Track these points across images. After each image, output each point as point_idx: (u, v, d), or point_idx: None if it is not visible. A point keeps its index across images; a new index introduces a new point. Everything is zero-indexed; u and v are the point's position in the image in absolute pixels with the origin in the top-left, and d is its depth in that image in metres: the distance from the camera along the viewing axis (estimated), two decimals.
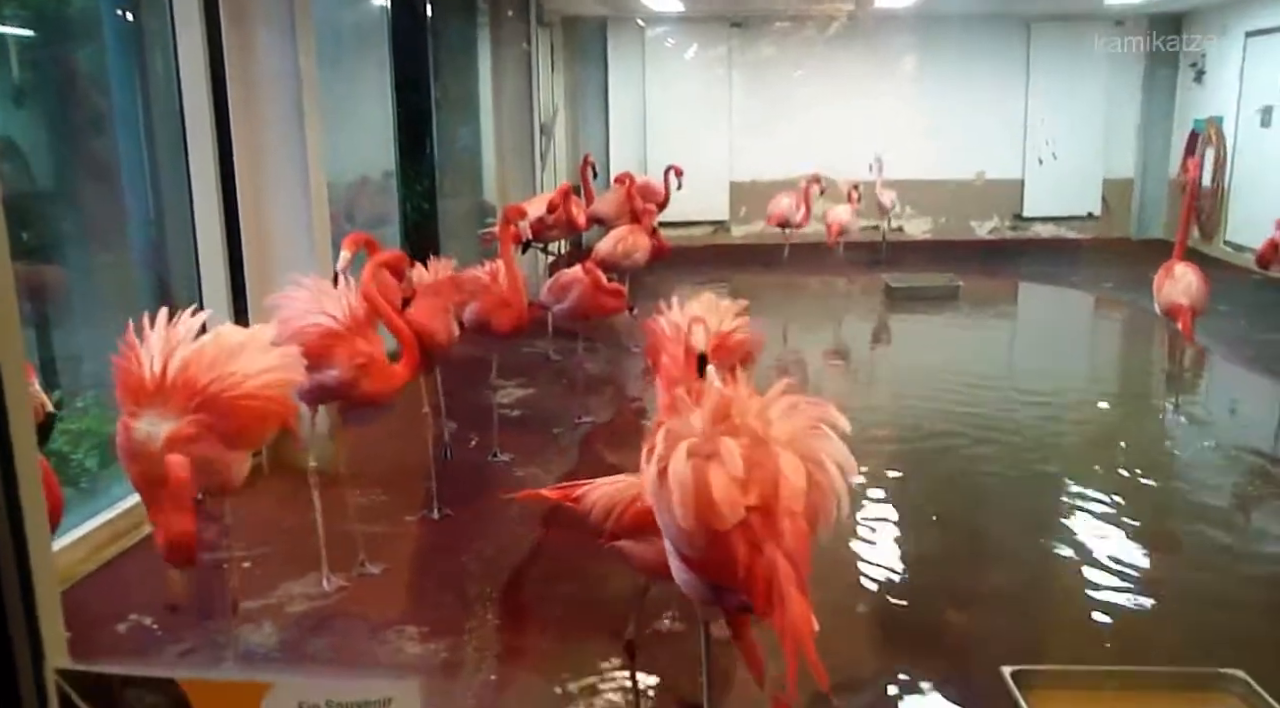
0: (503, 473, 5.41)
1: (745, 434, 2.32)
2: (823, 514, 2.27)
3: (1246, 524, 4.92)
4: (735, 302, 3.90)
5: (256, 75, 5.22)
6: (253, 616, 3.83)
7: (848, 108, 12.98)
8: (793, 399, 2.42)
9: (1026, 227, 13.52)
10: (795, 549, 2.21)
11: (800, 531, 2.23)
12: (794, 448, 2.30)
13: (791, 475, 2.24)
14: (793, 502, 2.23)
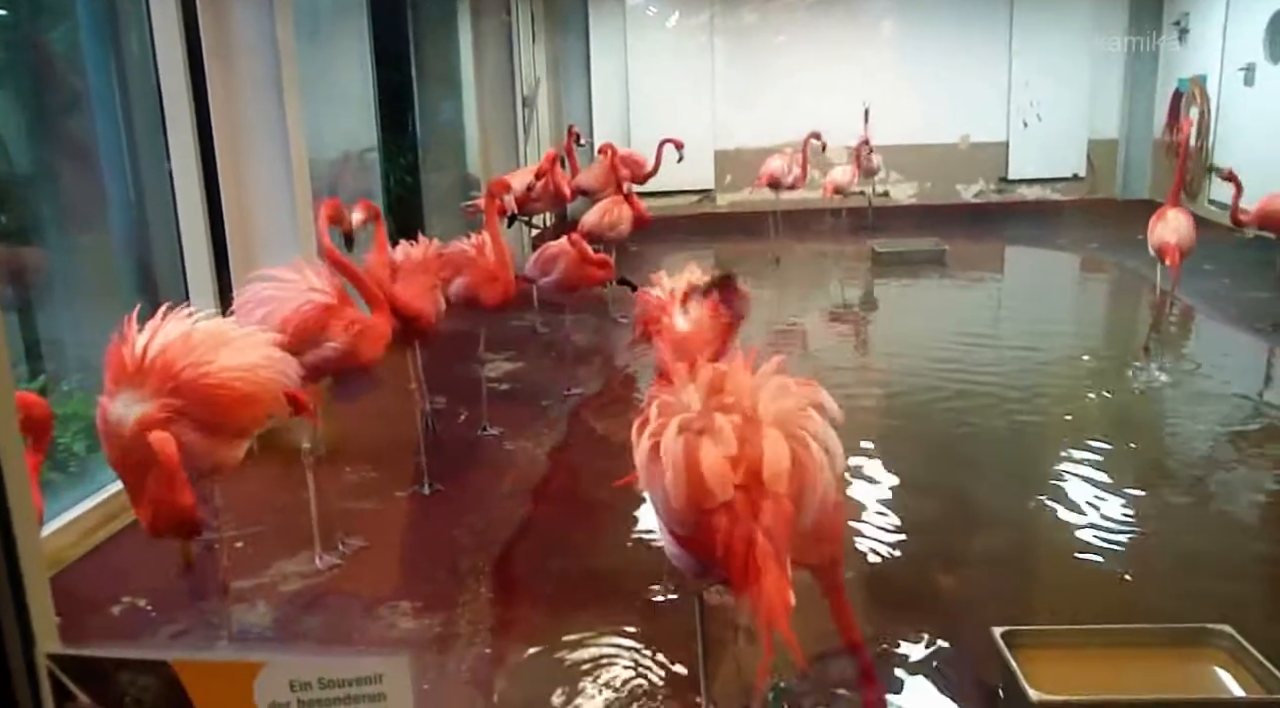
0: (492, 447, 5.42)
1: (736, 412, 2.34)
2: (809, 495, 2.28)
3: (1229, 477, 4.96)
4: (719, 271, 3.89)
5: (234, 50, 5.16)
6: (246, 595, 3.84)
7: (831, 73, 12.93)
8: (784, 380, 2.44)
9: (1012, 189, 13.52)
10: (776, 528, 2.23)
11: (783, 510, 2.24)
12: (781, 428, 2.31)
13: (775, 455, 2.26)
14: (775, 481, 2.24)
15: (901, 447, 5.35)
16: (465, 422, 5.76)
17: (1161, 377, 6.44)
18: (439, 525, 4.50)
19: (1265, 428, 5.53)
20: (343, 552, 4.19)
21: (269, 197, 5.35)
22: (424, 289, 4.71)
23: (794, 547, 2.30)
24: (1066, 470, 4.88)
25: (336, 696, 0.94)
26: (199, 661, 0.93)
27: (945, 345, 7.31)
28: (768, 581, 2.19)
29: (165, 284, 5.45)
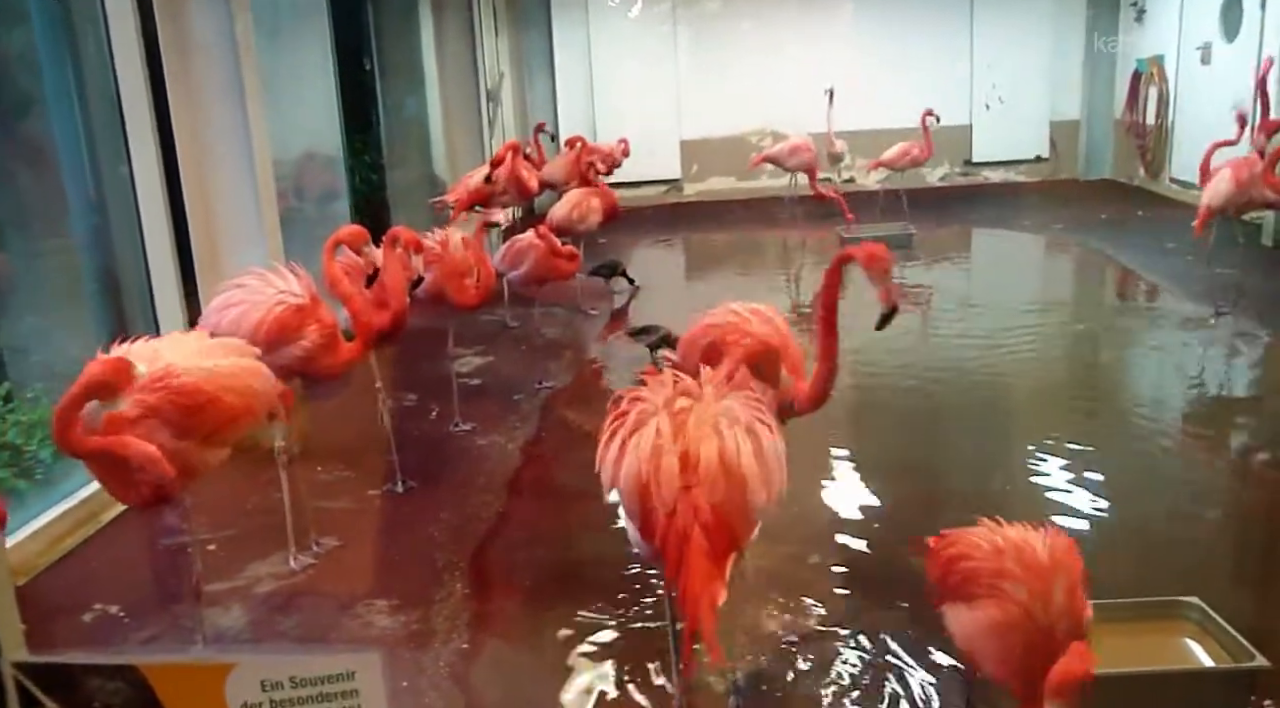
0: (465, 442, 5.40)
1: (692, 414, 2.51)
2: (752, 493, 2.42)
3: (1195, 452, 5.02)
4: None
5: (193, 50, 5.11)
6: (220, 598, 3.81)
7: (795, 60, 12.96)
8: (746, 397, 2.62)
9: (976, 172, 13.61)
10: (714, 526, 2.37)
11: (720, 512, 2.38)
12: (725, 429, 2.48)
13: (708, 461, 2.41)
14: (712, 484, 2.39)
15: (875, 423, 5.38)
16: (437, 418, 5.74)
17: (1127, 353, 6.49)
18: (413, 522, 4.48)
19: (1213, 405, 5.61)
20: (317, 552, 4.17)
21: (233, 197, 5.31)
22: (398, 296, 4.63)
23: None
24: (1035, 445, 4.92)
25: (309, 694, 0.94)
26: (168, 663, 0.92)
27: (916, 330, 7.36)
28: (695, 576, 2.32)
29: (130, 288, 5.40)
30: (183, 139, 5.14)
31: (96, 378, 2.87)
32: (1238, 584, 3.79)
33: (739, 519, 2.44)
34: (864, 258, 3.11)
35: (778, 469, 2.50)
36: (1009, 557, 2.41)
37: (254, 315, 3.93)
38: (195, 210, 5.23)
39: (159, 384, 2.99)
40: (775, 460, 2.49)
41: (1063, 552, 2.43)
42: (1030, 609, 2.34)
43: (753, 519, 2.50)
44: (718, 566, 2.36)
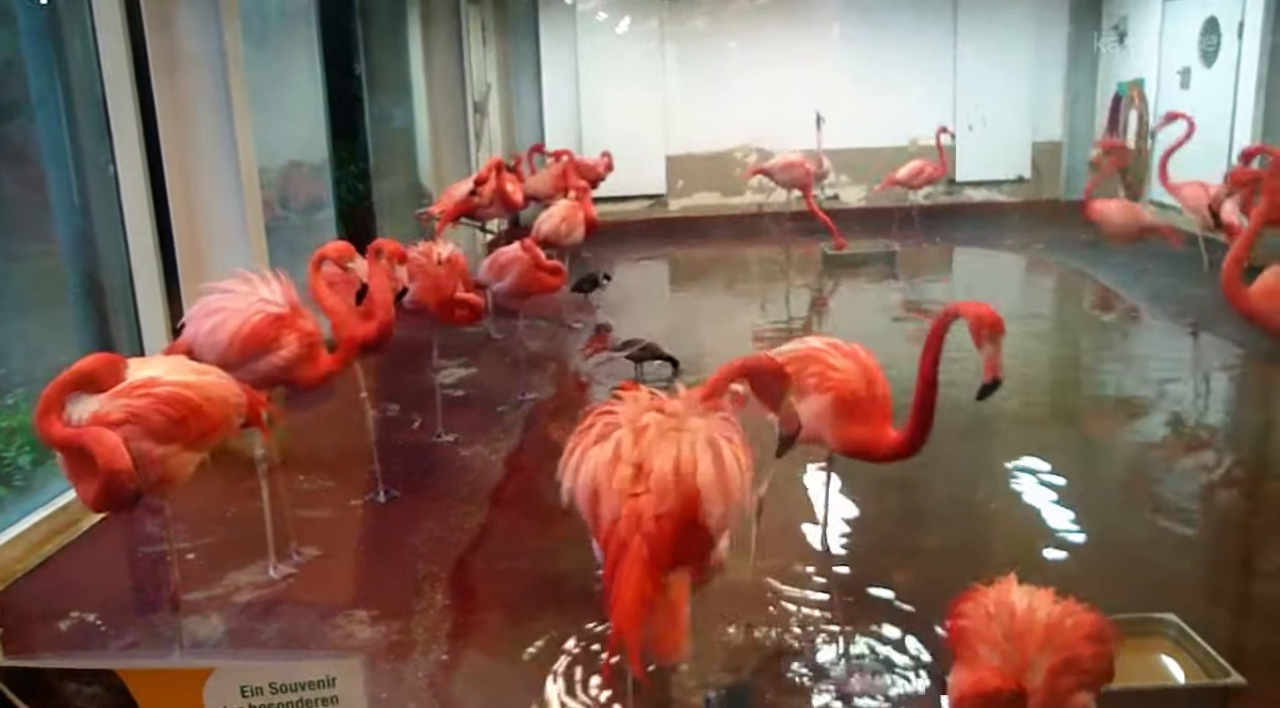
0: (448, 453, 5.40)
1: (653, 428, 2.43)
2: (710, 506, 2.34)
3: (1173, 468, 5.06)
4: None
5: (181, 57, 5.10)
6: (198, 607, 3.80)
7: (781, 78, 13.01)
8: (715, 414, 2.52)
9: (959, 191, 13.68)
10: (657, 536, 2.29)
11: (666, 522, 2.30)
12: (678, 449, 2.38)
13: (660, 470, 2.34)
14: (661, 493, 2.31)
15: None
16: (420, 428, 5.74)
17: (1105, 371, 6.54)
18: (395, 533, 4.47)
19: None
20: (297, 561, 4.16)
21: (218, 205, 5.30)
22: (384, 307, 4.62)
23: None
24: (1015, 463, 4.95)
25: (289, 700, 0.94)
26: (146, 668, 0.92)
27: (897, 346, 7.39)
28: (625, 585, 2.26)
29: (113, 295, 5.38)
30: (169, 146, 5.13)
31: (86, 369, 2.91)
32: (1215, 601, 3.82)
33: (690, 532, 2.35)
34: (973, 317, 2.88)
35: (738, 485, 2.40)
36: (997, 622, 2.32)
37: (232, 324, 3.94)
38: (180, 217, 5.22)
39: (145, 391, 3.02)
40: (736, 476, 2.40)
41: (1067, 627, 2.30)
42: (1001, 679, 2.24)
43: (710, 534, 2.41)
44: (652, 577, 2.29)
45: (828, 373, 3.26)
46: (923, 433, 3.10)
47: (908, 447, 3.15)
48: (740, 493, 2.42)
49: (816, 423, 3.25)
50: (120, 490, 2.86)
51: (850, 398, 3.22)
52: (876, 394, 3.26)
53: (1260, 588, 4.03)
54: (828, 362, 3.28)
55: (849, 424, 3.24)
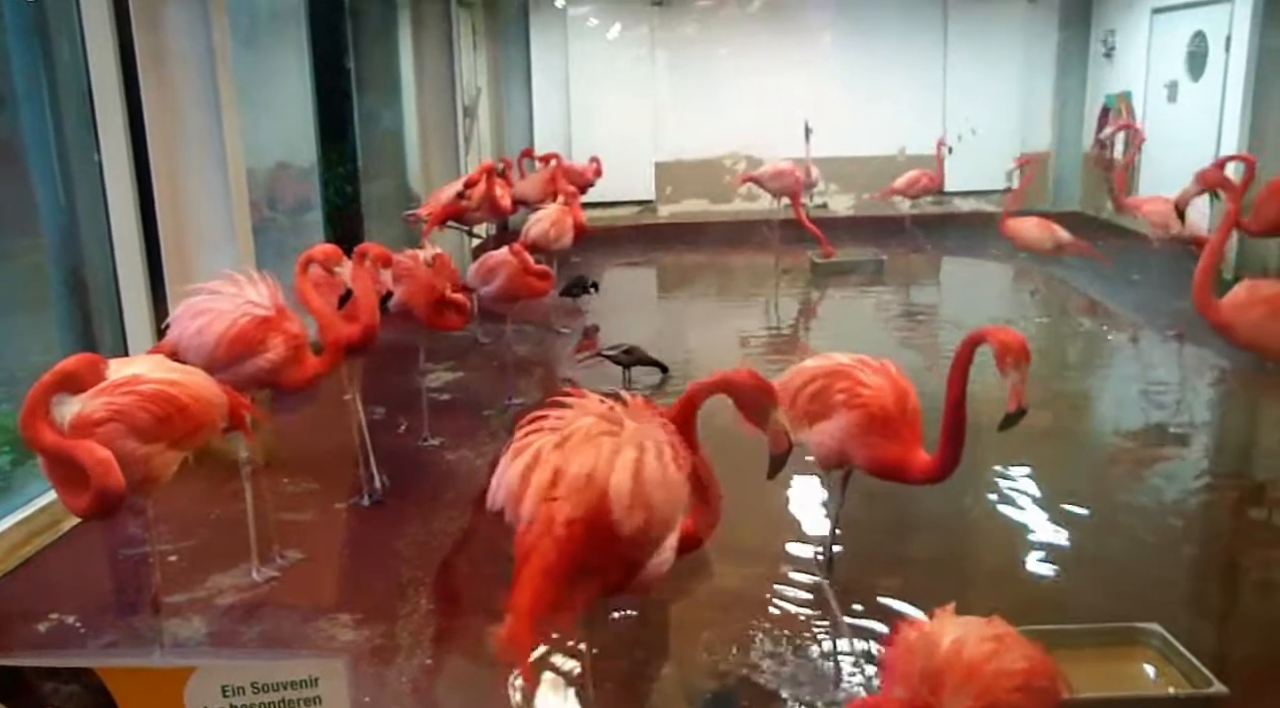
0: (433, 457, 5.38)
1: (579, 433, 2.39)
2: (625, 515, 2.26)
3: (1158, 481, 5.07)
4: None
5: (169, 54, 5.07)
6: (180, 609, 3.77)
7: (771, 85, 13.02)
8: (656, 422, 2.45)
9: (947, 201, 13.72)
10: (566, 541, 2.23)
11: (578, 528, 2.24)
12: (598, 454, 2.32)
13: (575, 475, 2.29)
14: (574, 498, 2.26)
15: None
16: (406, 432, 5.71)
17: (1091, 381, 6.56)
18: (379, 537, 4.45)
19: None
20: (280, 564, 4.13)
21: (205, 205, 5.26)
22: (369, 310, 4.60)
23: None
24: (999, 475, 4.95)
25: (271, 700, 0.93)
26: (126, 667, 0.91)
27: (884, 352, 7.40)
28: (524, 588, 2.21)
29: (98, 295, 5.34)
30: (156, 145, 5.10)
31: (68, 369, 2.90)
32: (1200, 611, 3.83)
33: (604, 540, 2.27)
34: (998, 344, 2.79)
35: (661, 496, 2.30)
36: (918, 656, 2.14)
37: (218, 326, 3.92)
38: (166, 217, 5.18)
39: (129, 389, 3.02)
40: (657, 485, 2.29)
41: (990, 673, 2.07)
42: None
43: (630, 545, 2.30)
44: (553, 583, 2.22)
45: (856, 389, 3.16)
46: (954, 457, 3.01)
47: (939, 470, 3.06)
48: (665, 505, 2.33)
49: (844, 441, 3.18)
50: (111, 504, 2.85)
51: (880, 416, 3.12)
52: (907, 412, 3.15)
53: (1244, 598, 4.04)
54: (856, 377, 3.18)
55: (879, 443, 3.14)
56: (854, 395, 3.15)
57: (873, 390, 3.14)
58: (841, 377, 3.20)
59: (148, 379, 3.10)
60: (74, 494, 2.89)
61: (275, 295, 4.10)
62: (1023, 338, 2.79)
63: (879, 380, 3.16)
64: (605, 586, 2.39)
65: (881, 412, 3.11)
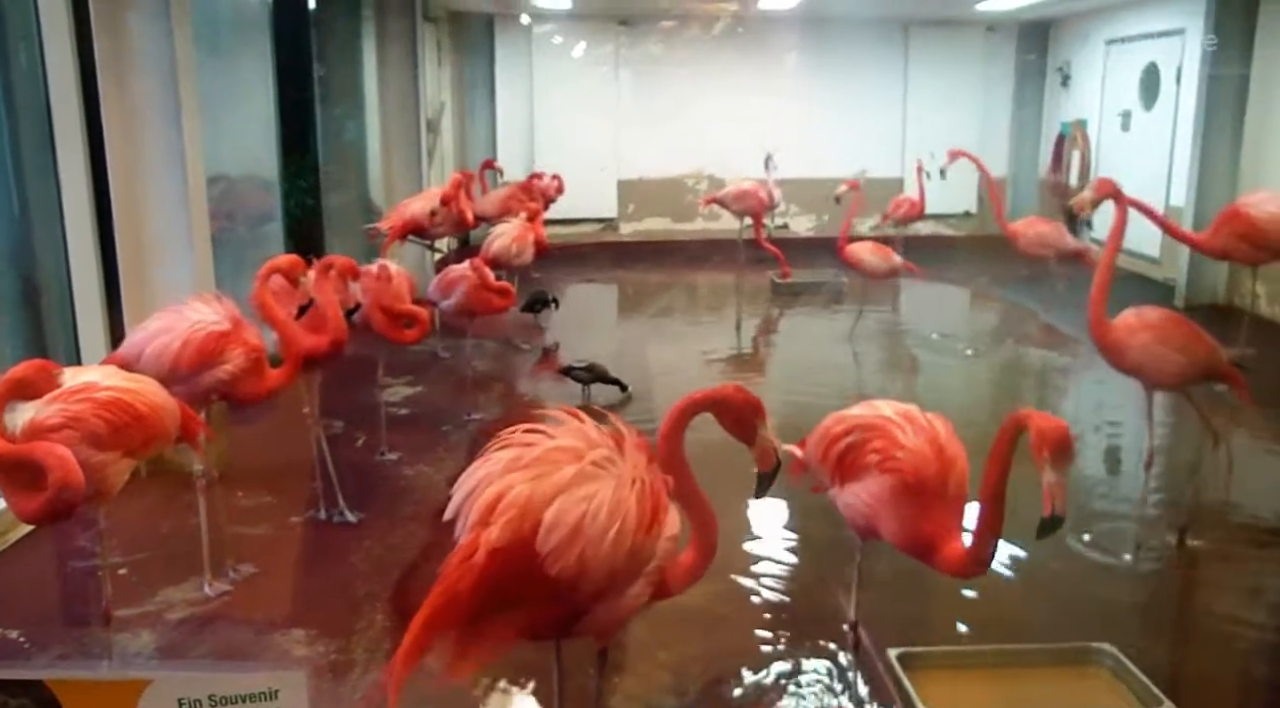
0: (391, 471, 5.33)
1: (534, 457, 2.30)
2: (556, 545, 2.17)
3: (1107, 500, 5.14)
4: None
5: (130, 62, 5.00)
6: (129, 624, 3.70)
7: (733, 107, 13.13)
8: (638, 454, 2.35)
9: (907, 224, 13.86)
10: (484, 569, 2.15)
11: (501, 557, 2.15)
12: (539, 481, 2.24)
13: (509, 501, 2.21)
14: (502, 525, 2.18)
15: None
16: (364, 446, 5.66)
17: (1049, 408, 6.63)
18: (335, 551, 4.40)
19: None
20: (233, 579, 4.07)
21: (164, 215, 5.18)
22: (336, 321, 4.56)
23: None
24: None
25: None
26: (78, 679, 0.89)
27: (839, 375, 7.46)
28: (424, 610, 2.16)
29: (51, 305, 5.26)
30: (115, 154, 5.02)
31: (19, 376, 2.86)
32: (1150, 630, 3.88)
33: (530, 575, 2.16)
34: (1036, 432, 2.44)
35: (606, 536, 2.17)
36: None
37: (175, 338, 3.88)
38: (124, 226, 5.10)
39: (83, 395, 2.98)
40: (599, 523, 2.17)
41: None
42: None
43: (568, 585, 2.18)
44: (460, 611, 2.13)
45: (891, 450, 2.77)
46: (988, 553, 2.63)
47: (970, 567, 2.65)
48: (612, 546, 2.18)
49: (871, 509, 2.82)
50: (68, 505, 2.80)
51: (915, 486, 2.72)
52: (949, 485, 2.73)
53: (1194, 618, 4.10)
54: (894, 436, 2.79)
55: (909, 518, 2.74)
56: (888, 457, 2.76)
57: (911, 454, 2.74)
58: (878, 433, 2.82)
59: (103, 387, 3.07)
60: (26, 498, 2.83)
61: (229, 309, 4.06)
62: (1064, 429, 2.43)
63: (920, 443, 2.76)
64: (538, 623, 2.27)
65: (917, 480, 2.71)
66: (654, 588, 2.37)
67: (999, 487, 2.59)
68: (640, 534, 2.24)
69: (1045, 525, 2.45)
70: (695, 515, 2.49)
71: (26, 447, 2.81)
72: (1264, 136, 8.99)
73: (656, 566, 2.34)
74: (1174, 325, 4.24)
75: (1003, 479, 2.59)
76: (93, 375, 3.14)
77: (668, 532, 2.35)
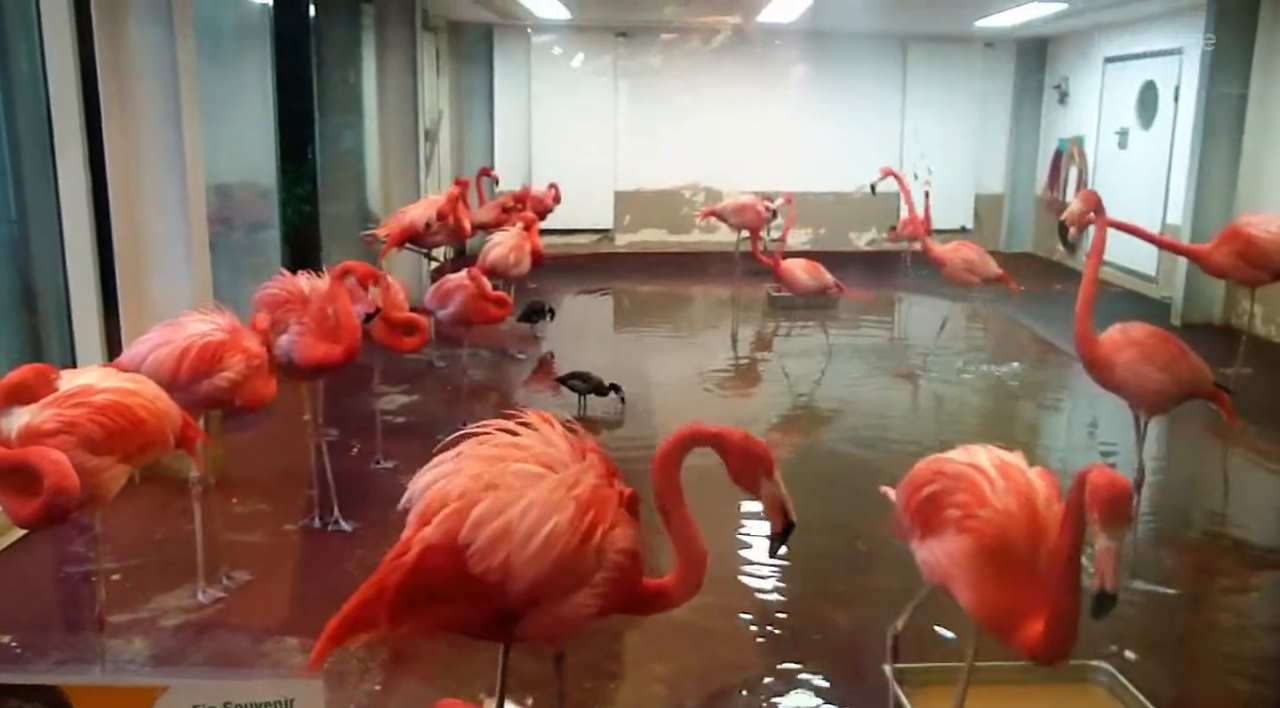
0: (386, 480, 5.32)
1: (479, 456, 2.32)
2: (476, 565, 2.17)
3: None
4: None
5: (131, 68, 5.00)
6: (122, 630, 3.68)
7: (731, 120, 13.18)
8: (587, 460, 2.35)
9: (914, 241, 13.90)
10: (411, 568, 2.18)
11: (422, 562, 2.18)
12: (471, 484, 2.26)
13: (442, 501, 2.24)
14: (437, 523, 2.21)
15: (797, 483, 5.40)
16: (359, 454, 5.65)
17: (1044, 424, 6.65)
18: (329, 559, 4.38)
19: None
20: (227, 586, 4.06)
21: (162, 220, 5.17)
22: (350, 329, 4.57)
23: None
24: None
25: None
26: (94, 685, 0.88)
27: (835, 387, 7.46)
28: (353, 601, 2.20)
29: (48, 309, 5.25)
30: (114, 159, 5.02)
31: (15, 381, 2.86)
32: (1147, 648, 3.88)
33: (456, 572, 2.16)
34: (1090, 487, 2.11)
35: (535, 540, 2.15)
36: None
37: (174, 353, 3.88)
38: (122, 231, 5.09)
39: (79, 400, 2.95)
40: (528, 527, 2.15)
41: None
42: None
43: (495, 587, 2.16)
44: (388, 602, 2.14)
45: (974, 507, 2.44)
46: (1063, 637, 2.25)
47: (1045, 652, 2.28)
48: (540, 550, 2.15)
49: (946, 571, 2.50)
50: (62, 510, 2.79)
51: (996, 552, 2.37)
52: (1037, 554, 2.36)
53: (1193, 637, 4.10)
54: (981, 491, 2.46)
55: (987, 588, 2.40)
56: (968, 515, 2.44)
57: (996, 515, 2.40)
58: (964, 486, 2.51)
59: (100, 390, 3.04)
60: (20, 502, 2.82)
61: (230, 319, 4.08)
62: (1122, 487, 2.09)
63: (1010, 502, 2.42)
64: (471, 622, 2.26)
65: (999, 545, 2.38)
66: (603, 601, 2.29)
67: (1071, 556, 2.22)
68: (576, 541, 2.19)
69: (1097, 604, 2.09)
70: (681, 547, 2.39)
71: (21, 451, 2.80)
72: (1261, 156, 9.03)
73: (606, 578, 2.27)
74: (1159, 343, 4.22)
75: (1075, 547, 2.22)
76: (91, 378, 3.12)
77: (619, 544, 2.27)
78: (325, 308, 4.53)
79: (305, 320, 4.55)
